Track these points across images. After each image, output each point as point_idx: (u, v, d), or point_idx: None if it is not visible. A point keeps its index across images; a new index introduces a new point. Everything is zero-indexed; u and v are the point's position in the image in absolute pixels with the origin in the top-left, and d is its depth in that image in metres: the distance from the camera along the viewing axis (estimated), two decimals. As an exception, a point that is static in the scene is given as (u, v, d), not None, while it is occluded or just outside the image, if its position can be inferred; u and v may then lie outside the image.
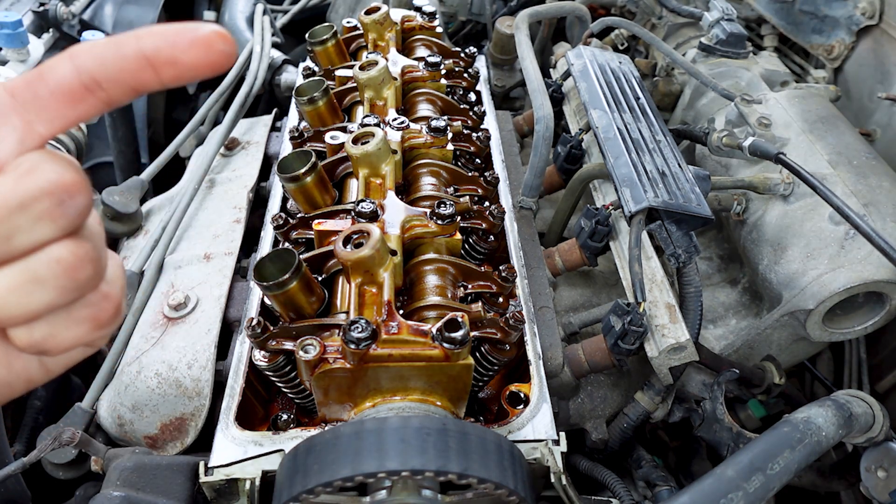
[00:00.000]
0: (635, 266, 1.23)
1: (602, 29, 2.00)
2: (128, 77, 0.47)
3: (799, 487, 1.46)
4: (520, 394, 1.12)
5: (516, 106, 2.44)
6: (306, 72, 1.71)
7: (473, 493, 0.88)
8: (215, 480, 1.01)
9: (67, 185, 0.44)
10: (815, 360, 1.79)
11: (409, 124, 1.34)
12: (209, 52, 0.46)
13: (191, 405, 1.26)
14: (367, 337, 0.90)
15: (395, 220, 1.13)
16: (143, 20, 2.53)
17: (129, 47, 0.46)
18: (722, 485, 0.99)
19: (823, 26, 2.05)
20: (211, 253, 1.48)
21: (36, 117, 0.46)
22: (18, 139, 0.45)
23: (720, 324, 1.59)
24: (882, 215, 1.37)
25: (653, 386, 1.33)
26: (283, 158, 1.21)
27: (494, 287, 1.16)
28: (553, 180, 1.72)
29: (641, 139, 1.46)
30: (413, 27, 1.78)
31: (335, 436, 0.87)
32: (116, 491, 1.04)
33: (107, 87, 0.47)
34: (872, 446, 1.22)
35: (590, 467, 1.30)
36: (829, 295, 1.32)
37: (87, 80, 0.46)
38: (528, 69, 1.67)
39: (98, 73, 0.46)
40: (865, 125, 1.94)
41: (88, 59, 0.46)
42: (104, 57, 0.46)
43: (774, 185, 1.50)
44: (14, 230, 0.43)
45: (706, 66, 1.96)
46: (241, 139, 1.89)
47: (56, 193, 0.43)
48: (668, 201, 1.29)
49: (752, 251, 1.53)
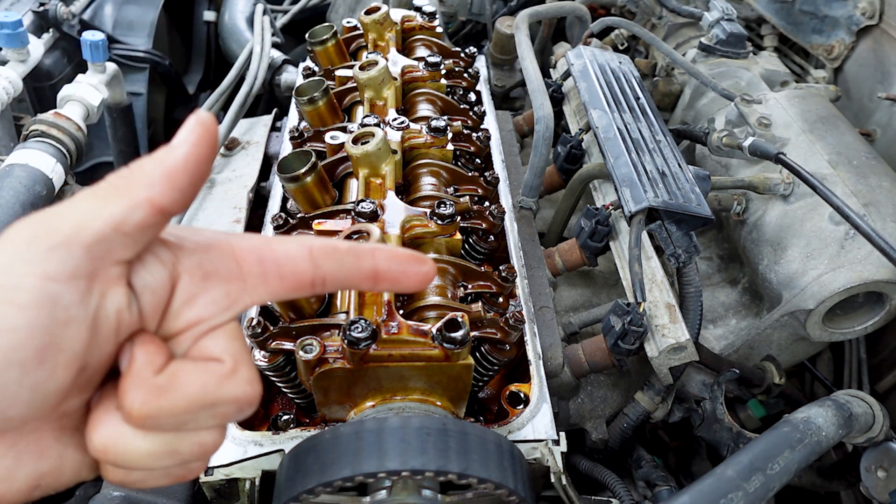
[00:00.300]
0: (635, 266, 1.23)
1: (602, 29, 2.00)
2: (351, 283, 0.52)
3: (799, 487, 1.46)
4: (520, 394, 1.12)
5: (516, 106, 2.44)
6: (306, 72, 1.71)
7: (473, 493, 0.88)
8: (215, 480, 1.01)
9: (253, 399, 0.47)
10: (815, 360, 1.79)
11: (409, 124, 1.34)
12: (423, 281, 0.53)
13: (191, 405, 1.26)
14: (367, 337, 0.90)
15: (394, 220, 1.13)
16: (143, 20, 2.53)
17: (367, 263, 0.51)
18: (722, 485, 0.99)
19: (823, 26, 2.05)
20: (211, 253, 1.48)
21: (251, 288, 0.49)
22: (226, 306, 0.48)
23: (720, 324, 1.59)
24: (882, 215, 1.37)
25: (653, 386, 1.33)
26: (283, 158, 1.21)
27: (494, 287, 1.16)
28: (553, 180, 1.72)
29: (641, 139, 1.46)
30: (413, 27, 1.78)
31: (335, 436, 0.87)
32: (116, 491, 1.04)
33: (328, 284, 0.51)
34: (872, 446, 1.22)
35: (590, 467, 1.30)
36: (829, 295, 1.32)
37: (318, 277, 0.50)
38: (528, 69, 1.67)
39: (330, 275, 0.50)
40: (865, 125, 1.94)
41: (328, 261, 0.50)
42: (343, 263, 0.51)
43: (774, 185, 1.50)
44: (193, 420, 0.45)
45: (706, 66, 1.96)
46: (241, 139, 1.89)
47: (242, 405, 0.47)
48: (668, 201, 1.29)
49: (752, 251, 1.53)
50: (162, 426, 0.45)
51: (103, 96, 1.90)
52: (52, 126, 1.68)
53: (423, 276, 0.53)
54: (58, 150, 1.66)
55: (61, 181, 1.67)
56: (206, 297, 0.47)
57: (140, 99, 2.44)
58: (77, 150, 1.73)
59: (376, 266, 0.51)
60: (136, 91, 2.43)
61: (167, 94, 2.71)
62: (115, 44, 2.43)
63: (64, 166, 1.67)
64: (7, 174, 1.55)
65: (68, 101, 1.83)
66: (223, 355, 0.46)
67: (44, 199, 1.58)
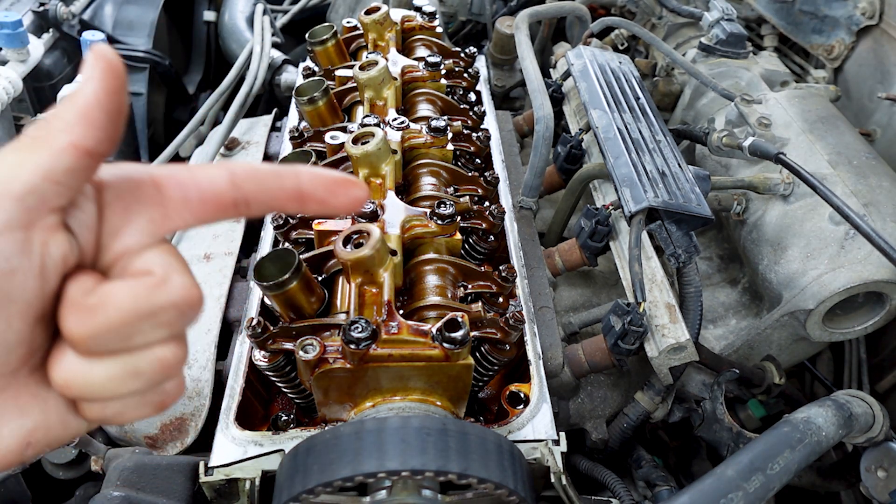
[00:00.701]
0: (635, 266, 1.23)
1: (602, 29, 2.00)
2: (275, 204, 0.52)
3: (799, 487, 1.46)
4: (520, 394, 1.12)
5: (516, 106, 2.44)
6: (306, 72, 1.71)
7: (473, 493, 0.88)
8: (215, 480, 1.01)
9: (195, 300, 0.48)
10: (815, 360, 1.79)
11: (409, 124, 1.34)
12: (349, 199, 0.52)
13: (191, 405, 1.26)
14: (367, 337, 0.90)
15: (395, 220, 1.13)
16: (143, 20, 2.53)
17: (289, 182, 0.51)
18: (722, 485, 0.99)
19: (823, 26, 2.05)
20: (211, 253, 1.48)
21: (175, 214, 0.49)
22: (150, 232, 0.48)
23: (720, 324, 1.59)
24: (882, 215, 1.37)
25: (653, 386, 1.33)
26: (283, 158, 1.21)
27: (494, 287, 1.16)
28: (553, 180, 1.72)
29: (641, 139, 1.46)
30: (413, 27, 1.78)
31: (335, 436, 0.87)
32: (116, 491, 1.04)
33: (252, 205, 0.51)
34: (872, 446, 1.22)
35: (590, 467, 1.30)
36: (829, 295, 1.32)
37: (240, 198, 0.50)
38: (528, 69, 1.67)
39: (252, 196, 0.50)
40: (865, 125, 1.94)
41: (249, 182, 0.50)
42: (264, 184, 0.51)
43: (774, 185, 1.50)
44: (136, 333, 0.46)
45: (706, 66, 1.96)
46: (241, 139, 1.89)
47: (182, 308, 0.47)
48: (668, 201, 1.29)
49: (752, 251, 1.53)
50: (108, 346, 0.46)
51: (103, 96, 1.89)
52: (52, 126, 1.67)
53: (353, 199, 0.52)
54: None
55: (61, 181, 1.67)
56: (131, 226, 0.48)
57: (140, 99, 2.44)
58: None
59: (300, 186, 0.51)
60: (136, 91, 2.43)
61: (167, 94, 2.71)
62: (115, 44, 2.43)
63: (64, 166, 1.66)
64: (7, 174, 1.55)
65: (68, 101, 1.83)
66: (153, 268, 0.47)
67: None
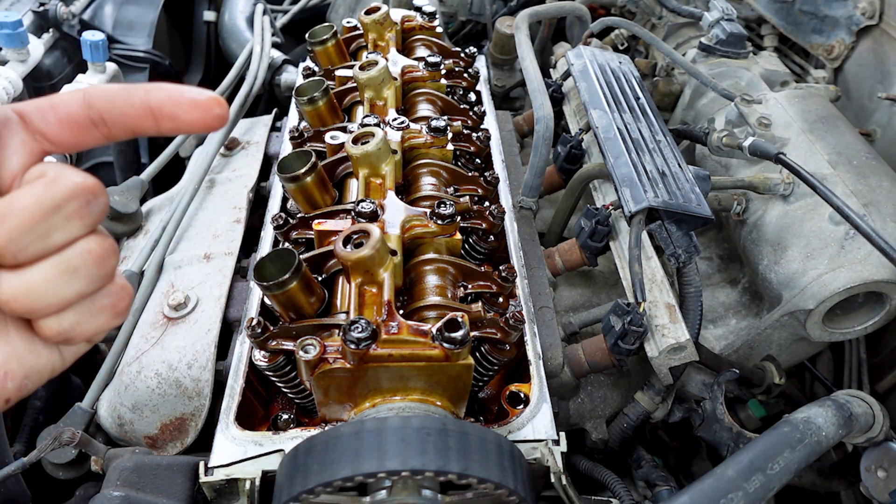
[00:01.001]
0: (635, 266, 1.23)
1: (602, 29, 2.00)
2: (130, 121, 0.55)
3: (799, 487, 1.46)
4: (520, 394, 1.12)
5: (516, 106, 2.44)
6: (306, 72, 1.71)
7: (473, 493, 0.88)
8: (215, 480, 1.01)
9: (91, 187, 0.51)
10: (815, 360, 1.79)
11: (409, 124, 1.34)
12: (206, 115, 0.55)
13: (191, 405, 1.26)
14: (367, 337, 0.90)
15: (395, 220, 1.13)
16: (143, 20, 2.53)
17: (137, 97, 0.55)
18: (722, 485, 0.99)
19: (823, 26, 2.05)
20: (211, 253, 1.48)
21: (42, 138, 0.54)
22: (28, 151, 0.53)
23: (720, 324, 1.59)
24: (882, 215, 1.37)
25: (653, 386, 1.33)
26: (283, 158, 1.21)
27: (494, 287, 1.16)
28: (553, 180, 1.72)
29: (641, 139, 1.46)
30: (413, 27, 1.78)
31: (335, 436, 0.87)
32: (116, 491, 1.04)
33: (110, 125, 0.55)
34: (872, 446, 1.22)
35: (590, 467, 1.30)
36: (829, 295, 1.32)
37: (95, 116, 0.54)
38: (528, 69, 1.67)
39: (105, 113, 0.55)
40: (865, 125, 1.94)
41: (100, 99, 0.55)
42: (114, 100, 0.55)
43: (774, 185, 1.50)
44: (50, 229, 0.49)
45: (706, 66, 1.96)
46: (241, 139, 1.89)
47: (83, 195, 0.51)
48: (668, 201, 1.29)
49: (752, 251, 1.53)
50: (30, 248, 0.49)
51: (103, 96, 1.89)
52: (52, 126, 1.67)
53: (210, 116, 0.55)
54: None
55: (61, 181, 1.67)
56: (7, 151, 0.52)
57: (140, 99, 2.44)
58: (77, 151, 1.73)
59: (149, 101, 0.54)
60: (136, 91, 2.43)
61: (167, 94, 2.71)
62: (115, 44, 2.43)
63: (64, 166, 1.66)
64: (7, 174, 1.55)
65: (68, 101, 1.83)
66: (45, 171, 0.51)
67: (44, 198, 1.58)
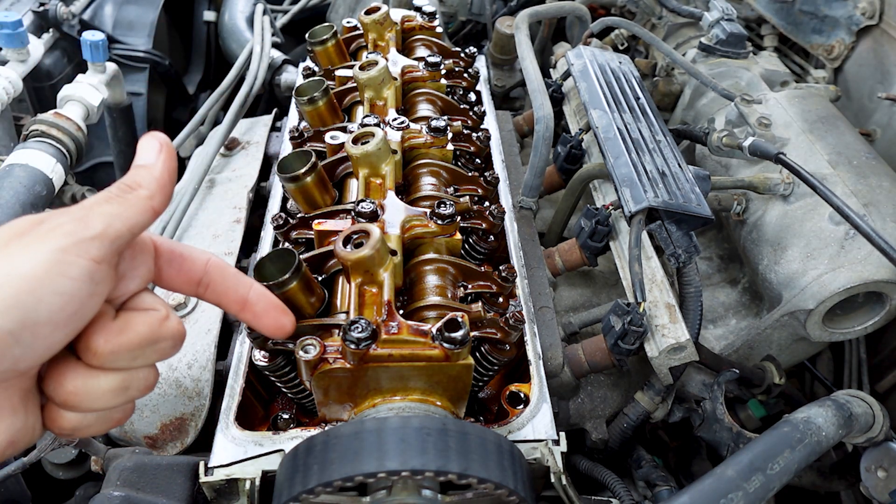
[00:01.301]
0: (635, 266, 1.23)
1: (602, 29, 2.00)
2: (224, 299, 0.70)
3: (799, 487, 1.46)
4: (520, 394, 1.12)
5: (516, 106, 2.44)
6: (306, 72, 1.71)
7: (473, 493, 0.88)
8: (215, 480, 1.01)
9: (183, 335, 0.63)
10: (815, 360, 1.79)
11: (409, 124, 1.34)
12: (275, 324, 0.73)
13: (191, 405, 1.26)
14: (367, 337, 0.90)
15: (395, 220, 1.13)
16: (143, 20, 2.53)
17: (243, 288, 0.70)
18: (722, 485, 0.99)
19: (823, 26, 2.05)
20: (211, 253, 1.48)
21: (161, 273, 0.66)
22: (146, 280, 0.64)
23: (720, 324, 1.59)
24: (882, 215, 1.37)
25: (653, 386, 1.33)
26: (283, 158, 1.21)
27: (494, 287, 1.16)
28: (553, 180, 1.72)
29: (641, 139, 1.46)
30: (413, 27, 1.78)
31: (335, 436, 0.87)
32: (116, 491, 1.04)
33: (209, 292, 0.68)
34: (872, 446, 1.22)
35: (590, 467, 1.30)
36: (829, 295, 1.32)
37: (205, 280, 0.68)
38: (528, 69, 1.67)
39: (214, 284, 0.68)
40: (865, 125, 1.94)
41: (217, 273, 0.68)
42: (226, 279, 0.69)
43: (774, 185, 1.50)
44: (141, 355, 0.59)
45: (706, 66, 1.96)
46: (241, 139, 1.89)
47: (176, 340, 0.62)
48: (668, 201, 1.29)
49: (752, 251, 1.53)
50: (119, 362, 0.57)
51: (103, 96, 1.90)
52: (52, 126, 1.68)
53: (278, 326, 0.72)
54: (58, 150, 1.66)
55: (61, 181, 1.67)
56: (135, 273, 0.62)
57: (140, 99, 2.44)
58: (77, 150, 1.73)
59: (247, 298, 0.69)
60: (136, 91, 2.43)
61: (167, 94, 2.72)
62: (115, 44, 2.43)
63: (64, 166, 1.67)
64: (7, 174, 1.55)
65: (68, 101, 1.83)
66: (157, 306, 0.62)
67: (44, 199, 1.58)
